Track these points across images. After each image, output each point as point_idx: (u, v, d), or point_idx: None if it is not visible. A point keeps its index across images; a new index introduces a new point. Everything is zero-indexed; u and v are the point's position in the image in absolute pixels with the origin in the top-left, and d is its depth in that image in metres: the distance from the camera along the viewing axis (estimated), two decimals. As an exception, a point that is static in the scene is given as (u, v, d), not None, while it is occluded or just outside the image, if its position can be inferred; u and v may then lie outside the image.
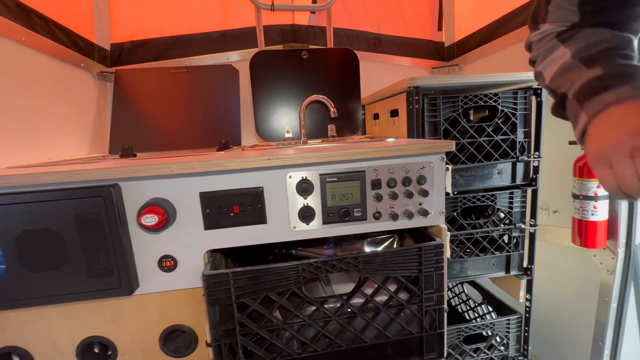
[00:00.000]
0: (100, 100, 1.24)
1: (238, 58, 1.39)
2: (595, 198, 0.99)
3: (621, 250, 1.00)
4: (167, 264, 0.65)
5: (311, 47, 1.45)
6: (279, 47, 1.43)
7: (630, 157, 0.33)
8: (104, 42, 1.25)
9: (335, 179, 0.66)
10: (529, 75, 0.92)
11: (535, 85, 0.98)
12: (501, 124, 0.96)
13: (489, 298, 1.28)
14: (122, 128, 1.17)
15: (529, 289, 1.10)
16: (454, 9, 1.60)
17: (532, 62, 0.54)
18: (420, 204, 0.70)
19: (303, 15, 1.46)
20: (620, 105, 0.36)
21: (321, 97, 1.05)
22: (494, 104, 0.95)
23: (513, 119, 0.97)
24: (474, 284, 1.39)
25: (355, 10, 1.51)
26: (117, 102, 1.19)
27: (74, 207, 0.59)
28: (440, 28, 1.64)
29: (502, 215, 1.06)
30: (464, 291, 1.49)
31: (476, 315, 1.37)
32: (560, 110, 0.48)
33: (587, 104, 0.40)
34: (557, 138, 1.11)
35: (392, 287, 0.68)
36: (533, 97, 0.98)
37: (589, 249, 1.05)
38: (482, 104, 0.95)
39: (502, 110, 0.96)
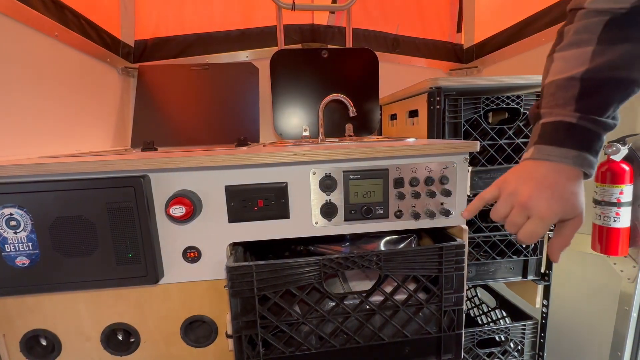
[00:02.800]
0: (123, 95, 1.28)
1: (257, 56, 1.41)
2: (618, 205, 0.97)
3: (644, 258, 0.98)
4: (192, 255, 0.66)
5: (330, 46, 1.46)
6: (298, 46, 1.44)
7: (510, 204, 0.46)
8: (129, 39, 1.29)
9: (359, 176, 0.66)
10: (540, 78, 0.91)
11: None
12: (522, 127, 0.95)
13: (503, 303, 1.27)
14: (144, 122, 1.20)
15: (546, 295, 1.09)
16: (474, 11, 1.59)
17: (567, 24, 0.48)
18: (442, 204, 0.70)
19: (322, 15, 1.47)
20: (549, 165, 0.44)
21: (340, 96, 1.06)
22: (516, 106, 0.94)
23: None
24: (487, 288, 1.37)
25: (374, 11, 1.51)
26: (140, 97, 1.22)
27: (105, 196, 0.61)
28: (459, 30, 1.63)
29: (520, 219, 1.04)
30: (476, 295, 1.48)
31: (489, 320, 1.36)
32: (532, 114, 0.50)
33: (538, 145, 0.45)
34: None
35: (411, 287, 0.68)
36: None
37: (610, 256, 1.03)
38: (504, 106, 0.94)
39: (524, 113, 0.95)
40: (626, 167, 0.96)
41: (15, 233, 0.60)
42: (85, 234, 0.61)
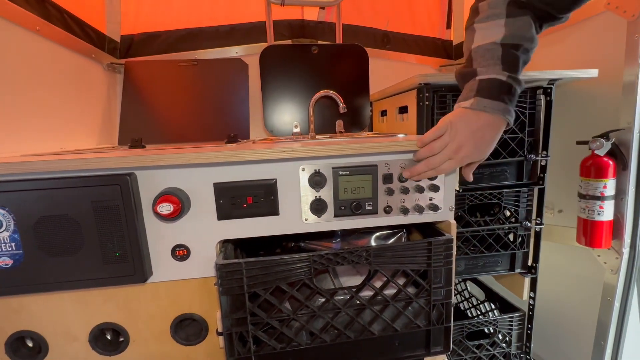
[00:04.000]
0: (109, 92, 1.25)
1: (247, 52, 1.39)
2: (602, 198, 1.00)
3: (626, 251, 1.01)
4: (180, 253, 0.66)
5: (320, 42, 1.45)
6: (288, 41, 1.43)
7: (446, 146, 0.60)
8: (115, 34, 1.26)
9: (348, 172, 0.66)
10: (539, 74, 0.92)
11: (545, 84, 0.98)
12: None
13: (491, 296, 1.29)
14: (132, 120, 1.18)
15: (533, 288, 1.11)
16: (463, 7, 1.60)
17: (479, 1, 0.62)
18: (430, 199, 0.71)
19: (312, 11, 1.46)
20: (489, 116, 0.57)
21: (331, 93, 1.06)
22: (503, 102, 0.95)
23: (522, 117, 0.98)
24: (476, 281, 1.40)
25: (364, 6, 1.51)
26: (127, 94, 1.19)
27: (91, 195, 0.60)
28: (449, 26, 1.64)
29: (508, 213, 1.06)
30: (466, 289, 1.51)
31: (478, 312, 1.38)
32: (463, 76, 0.63)
33: (479, 97, 0.57)
34: (564, 137, 1.12)
35: (401, 281, 0.69)
36: (542, 96, 0.99)
37: (594, 248, 1.06)
38: (492, 102, 0.95)
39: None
40: (610, 162, 0.98)
41: (-3, 233, 0.59)
42: (70, 233, 0.60)
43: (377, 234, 0.83)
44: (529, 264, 1.09)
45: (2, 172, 0.58)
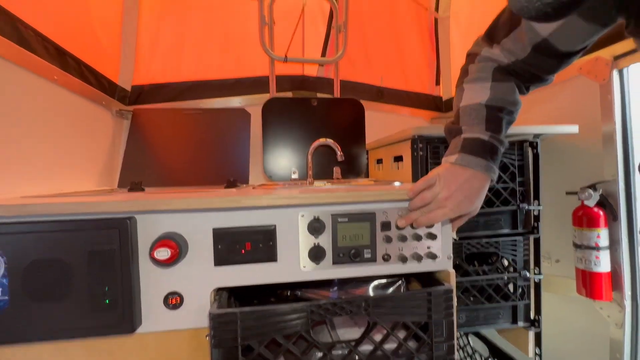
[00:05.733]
0: (115, 136, 1.29)
1: (250, 102, 1.48)
2: (597, 248, 1.00)
3: (628, 304, 0.99)
4: (173, 300, 0.63)
5: (319, 95, 1.55)
6: (289, 94, 1.53)
7: (446, 199, 0.61)
8: (126, 84, 1.34)
9: (347, 219, 0.67)
10: (525, 129, 0.99)
11: (530, 138, 1.04)
12: (501, 173, 1.01)
13: (496, 352, 1.23)
14: (133, 163, 1.20)
15: (538, 343, 1.07)
16: (450, 66, 1.75)
17: (468, 63, 0.67)
18: (428, 248, 0.71)
19: (312, 67, 1.58)
20: (471, 171, 0.61)
21: (329, 141, 1.11)
22: (493, 153, 1.00)
23: (512, 168, 1.02)
24: (480, 336, 1.33)
25: (360, 64, 1.64)
26: (132, 139, 1.23)
27: (88, 238, 0.59)
28: (438, 83, 1.77)
29: (506, 262, 1.06)
30: (469, 343, 1.43)
31: (483, 371, 1.30)
32: (451, 132, 0.67)
33: (463, 154, 0.61)
34: (555, 188, 1.16)
35: (401, 334, 0.66)
36: (530, 149, 1.04)
37: (596, 300, 1.04)
38: (482, 153, 1.00)
39: (501, 160, 1.01)
40: (600, 212, 1.00)
41: (-16, 278, 0.57)
42: (60, 278, 0.58)
43: (376, 282, 0.82)
44: (532, 316, 1.06)
45: (1, 214, 0.58)
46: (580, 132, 1.05)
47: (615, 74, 0.99)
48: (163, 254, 0.59)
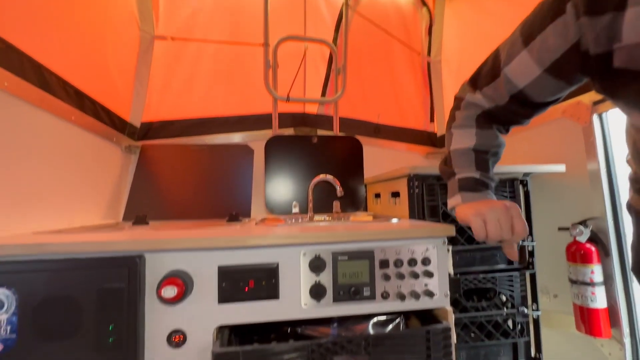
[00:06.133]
0: (122, 171, 1.34)
1: (253, 138, 1.55)
2: (592, 284, 1.02)
3: (627, 341, 1.00)
4: (177, 338, 0.65)
5: (319, 131, 1.62)
6: (290, 129, 1.60)
7: (497, 220, 0.59)
8: (136, 121, 1.41)
9: (347, 257, 0.70)
10: (515, 168, 1.04)
11: (520, 177, 1.10)
12: (494, 209, 1.05)
13: (499, 392, 1.20)
14: (139, 197, 1.24)
15: (541, 382, 1.05)
16: (443, 105, 1.85)
17: (455, 109, 0.72)
18: (426, 285, 0.73)
19: (313, 105, 1.67)
20: (481, 201, 0.64)
21: (329, 177, 1.16)
22: (486, 191, 1.05)
23: (504, 205, 1.06)
24: (482, 374, 1.30)
25: (358, 102, 1.73)
26: (139, 173, 1.28)
27: (98, 276, 0.61)
28: (432, 120, 1.86)
29: (504, 298, 1.07)
30: (472, 383, 1.39)
31: (487, 412, 1.26)
32: (445, 173, 0.72)
33: (463, 192, 0.66)
34: (547, 224, 1.19)
35: (401, 374, 0.67)
36: (520, 187, 1.09)
37: (596, 337, 1.04)
38: (476, 190, 1.05)
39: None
40: (592, 248, 1.04)
41: (-4, 315, 0.59)
42: (69, 316, 0.60)
43: (375, 320, 0.83)
44: (533, 354, 1.05)
45: (17, 252, 0.61)
46: (568, 170, 1.10)
47: (595, 118, 1.06)
48: (170, 292, 0.61)
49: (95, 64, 1.17)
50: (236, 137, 1.55)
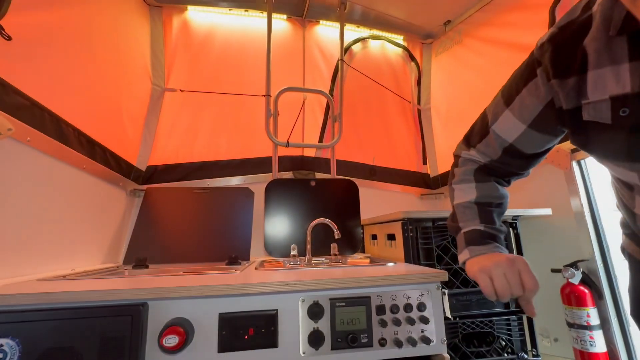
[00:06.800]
0: (125, 214, 1.38)
1: (253, 180, 1.61)
2: (589, 327, 1.03)
3: (631, 388, 0.98)
4: (175, 390, 0.64)
5: (317, 174, 1.69)
6: (289, 173, 1.67)
7: (504, 275, 0.57)
8: (142, 165, 1.47)
9: (344, 303, 0.72)
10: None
11: (510, 220, 1.14)
12: (487, 252, 1.08)
13: None
14: (140, 240, 1.26)
15: None
16: (434, 148, 1.94)
17: (454, 166, 0.74)
18: (422, 331, 0.75)
19: (311, 149, 1.75)
20: (488, 255, 0.62)
21: (326, 221, 1.20)
22: (477, 234, 1.09)
23: (496, 247, 1.09)
24: None
25: (353, 146, 1.83)
26: (142, 216, 1.32)
27: (102, 325, 0.63)
28: (425, 162, 1.95)
29: (503, 343, 1.06)
30: None
31: None
32: (452, 229, 0.71)
33: (469, 247, 0.64)
34: (539, 265, 1.22)
35: None
36: (510, 229, 1.14)
37: (599, 385, 1.02)
38: (468, 233, 1.08)
39: (486, 240, 1.09)
40: (585, 290, 1.05)
41: (-3, 367, 0.59)
42: (70, 368, 0.61)
43: (374, 367, 0.82)
44: (537, 404, 1.02)
45: (22, 302, 0.62)
46: (554, 213, 1.15)
47: (575, 164, 1.13)
48: (171, 341, 0.62)
49: (109, 114, 1.26)
50: (237, 180, 1.61)
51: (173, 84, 1.58)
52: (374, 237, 1.39)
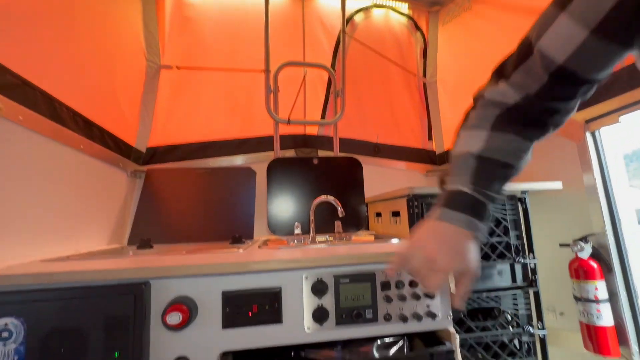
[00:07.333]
0: (128, 195, 1.37)
1: (255, 160, 1.58)
2: (597, 301, 1.02)
3: (637, 359, 0.98)
4: (181, 366, 0.65)
5: (319, 151, 1.66)
6: (291, 151, 1.63)
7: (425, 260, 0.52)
8: (142, 146, 1.45)
9: (348, 280, 0.71)
10: (512, 186, 1.06)
11: (519, 195, 1.11)
12: (494, 227, 1.06)
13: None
14: (144, 221, 1.26)
15: (551, 405, 1.02)
16: (440, 123, 1.89)
17: (471, 109, 0.59)
18: (427, 306, 0.74)
19: (313, 127, 1.71)
20: (450, 227, 0.54)
21: (330, 198, 1.18)
22: (485, 209, 1.07)
23: (504, 222, 1.07)
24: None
25: (357, 123, 1.77)
26: (144, 197, 1.31)
27: (105, 304, 0.63)
28: (430, 138, 1.90)
29: (509, 317, 1.06)
30: (481, 406, 1.35)
31: None
32: (442, 178, 0.61)
33: (444, 208, 0.55)
34: (549, 240, 1.20)
35: (406, 398, 0.66)
36: (519, 204, 1.11)
37: (605, 356, 1.02)
38: (475, 209, 1.06)
39: (493, 215, 1.07)
40: (594, 264, 1.04)
41: (4, 345, 0.60)
42: (76, 345, 0.61)
43: (379, 342, 0.82)
44: (541, 375, 1.03)
45: (27, 282, 0.62)
46: (564, 187, 1.12)
47: (589, 135, 1.09)
48: (175, 318, 0.62)
49: (104, 93, 1.22)
50: (239, 160, 1.58)
51: (168, 60, 1.52)
52: (378, 214, 1.38)
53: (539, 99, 0.51)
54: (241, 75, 1.63)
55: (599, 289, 1.02)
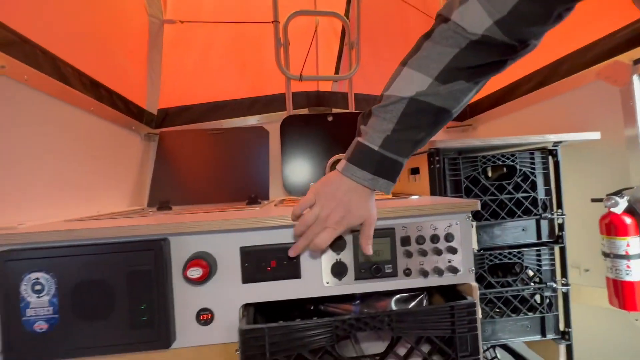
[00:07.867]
0: (143, 159, 1.37)
1: (268, 120, 1.53)
2: (627, 257, 0.97)
3: (665, 314, 0.95)
4: (205, 317, 0.67)
5: (334, 110, 1.59)
6: (305, 110, 1.57)
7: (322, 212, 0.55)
8: (153, 108, 1.42)
9: (367, 235, 0.69)
10: (542, 137, 0.98)
11: (550, 146, 1.03)
12: (521, 182, 1.00)
13: (525, 365, 1.19)
14: (161, 183, 1.27)
15: (569, 356, 1.03)
16: (463, 76, 1.75)
17: (425, 37, 0.51)
18: (449, 261, 0.72)
19: (327, 83, 1.62)
20: (354, 186, 0.55)
21: (346, 156, 1.14)
22: (511, 163, 1.00)
23: (532, 177, 1.01)
24: (507, 348, 1.30)
25: (373, 78, 1.67)
26: (159, 160, 1.31)
27: (127, 260, 0.64)
28: (452, 92, 1.77)
29: (531, 273, 1.04)
30: (496, 356, 1.39)
31: (513, 385, 1.26)
32: (359, 121, 0.59)
33: (349, 162, 0.55)
34: (579, 195, 1.13)
35: (425, 349, 0.67)
36: (550, 157, 1.03)
37: (630, 312, 1.00)
38: (500, 163, 1.00)
39: (521, 170, 1.00)
40: (628, 220, 0.98)
41: (38, 297, 0.63)
42: (103, 298, 0.63)
43: (398, 296, 0.83)
44: (562, 328, 1.03)
45: (52, 239, 0.64)
46: (603, 137, 1.03)
47: (635, 79, 0.97)
48: (195, 273, 0.63)
49: (106, 53, 1.17)
50: (251, 120, 1.54)
51: (171, 15, 1.44)
52: (396, 173, 1.33)
53: (513, 18, 0.43)
54: (249, 30, 1.53)
55: (631, 244, 0.97)
